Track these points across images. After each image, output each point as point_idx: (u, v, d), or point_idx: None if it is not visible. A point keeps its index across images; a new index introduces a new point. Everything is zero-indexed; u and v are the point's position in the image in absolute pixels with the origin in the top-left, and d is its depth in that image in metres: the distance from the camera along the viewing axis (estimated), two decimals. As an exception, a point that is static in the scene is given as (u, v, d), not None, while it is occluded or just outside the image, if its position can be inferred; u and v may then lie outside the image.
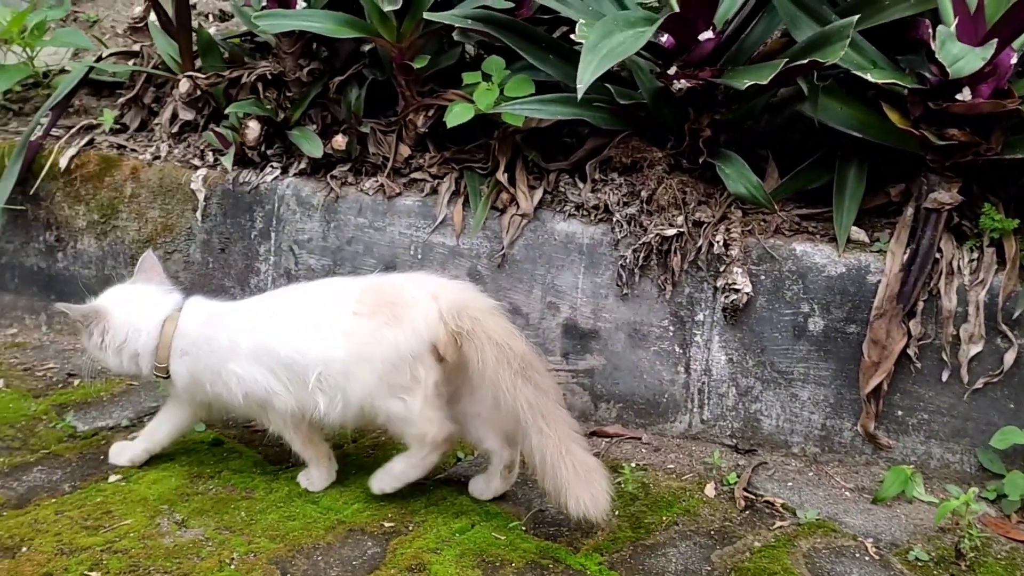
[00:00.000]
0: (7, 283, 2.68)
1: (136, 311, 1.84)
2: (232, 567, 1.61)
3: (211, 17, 3.29)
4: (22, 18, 2.75)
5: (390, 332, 1.69)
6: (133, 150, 2.60)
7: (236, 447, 2.06)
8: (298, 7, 2.28)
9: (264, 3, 2.49)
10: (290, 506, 1.82)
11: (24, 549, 1.66)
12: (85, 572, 1.59)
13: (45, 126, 2.62)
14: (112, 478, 1.90)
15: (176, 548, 1.67)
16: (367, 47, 2.38)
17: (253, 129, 2.43)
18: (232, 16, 3.26)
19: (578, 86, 1.75)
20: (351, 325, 1.71)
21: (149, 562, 1.62)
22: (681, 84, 1.98)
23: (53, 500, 1.82)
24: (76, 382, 2.34)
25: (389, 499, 1.82)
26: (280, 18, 2.11)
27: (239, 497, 1.85)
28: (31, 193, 2.59)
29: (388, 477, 1.80)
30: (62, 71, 3.00)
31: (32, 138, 2.57)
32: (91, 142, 2.63)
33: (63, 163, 2.57)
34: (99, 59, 2.75)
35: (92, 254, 2.59)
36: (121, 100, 2.72)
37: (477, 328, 1.68)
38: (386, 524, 1.76)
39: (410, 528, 1.75)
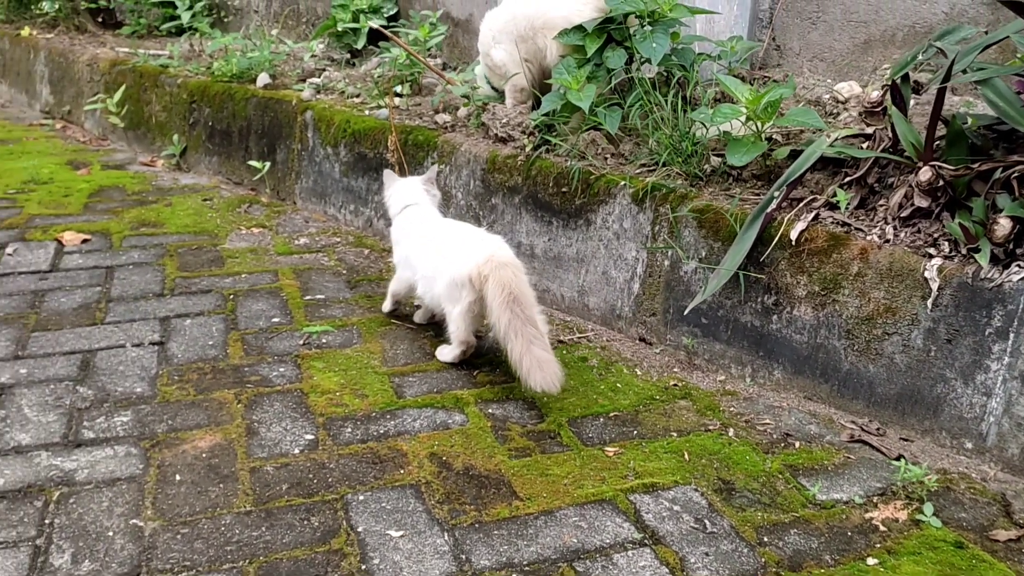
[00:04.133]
0: (720, 333, 3.01)
1: (401, 193, 3.27)
2: None
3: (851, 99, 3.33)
4: (761, 97, 3.05)
5: (450, 267, 2.85)
6: (859, 229, 2.74)
7: (980, 554, 2.06)
8: (1092, 111, 2.19)
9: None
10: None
11: (817, 617, 1.85)
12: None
13: (778, 199, 2.88)
14: (870, 560, 2.04)
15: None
16: None
17: (1004, 226, 2.40)
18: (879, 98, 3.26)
19: None
20: (439, 260, 2.94)
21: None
22: None
23: (821, 570, 2.01)
24: (797, 444, 2.55)
25: None
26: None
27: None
28: (759, 260, 2.87)
29: (441, 355, 3.01)
30: (770, 140, 3.27)
31: (768, 209, 2.84)
32: (816, 217, 2.83)
33: (793, 235, 2.80)
34: (834, 140, 2.94)
35: (806, 321, 2.79)
36: (847, 179, 2.87)
37: (492, 273, 2.69)
38: None
39: None
